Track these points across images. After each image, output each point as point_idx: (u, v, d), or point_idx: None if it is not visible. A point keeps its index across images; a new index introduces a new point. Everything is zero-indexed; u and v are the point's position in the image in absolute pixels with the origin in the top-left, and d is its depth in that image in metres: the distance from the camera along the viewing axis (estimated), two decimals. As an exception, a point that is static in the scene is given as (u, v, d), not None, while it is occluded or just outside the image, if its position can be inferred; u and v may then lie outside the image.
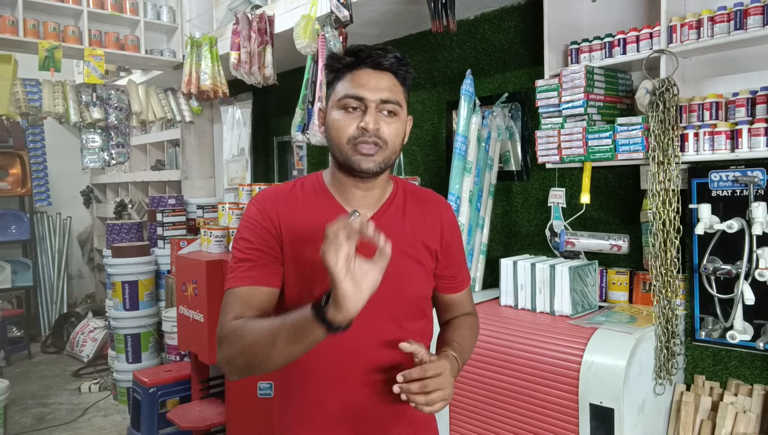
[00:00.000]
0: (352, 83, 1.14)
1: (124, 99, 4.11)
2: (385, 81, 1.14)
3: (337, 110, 1.15)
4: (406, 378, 1.05)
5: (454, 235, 1.32)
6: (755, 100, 1.89)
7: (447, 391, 1.08)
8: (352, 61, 1.15)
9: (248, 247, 1.17)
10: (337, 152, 1.16)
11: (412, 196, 1.28)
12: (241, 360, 1.07)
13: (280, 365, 1.06)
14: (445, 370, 1.09)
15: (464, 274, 1.36)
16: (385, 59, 1.14)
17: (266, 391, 2.75)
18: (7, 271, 5.77)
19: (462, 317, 1.37)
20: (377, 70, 1.15)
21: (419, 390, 1.04)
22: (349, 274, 0.91)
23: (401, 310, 1.20)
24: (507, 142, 2.75)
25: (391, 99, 1.14)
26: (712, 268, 1.95)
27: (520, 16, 2.73)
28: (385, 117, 1.14)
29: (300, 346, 1.00)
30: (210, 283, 2.70)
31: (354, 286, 0.91)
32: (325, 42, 2.79)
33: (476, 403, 2.16)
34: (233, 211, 3.03)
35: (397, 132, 1.16)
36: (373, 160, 1.13)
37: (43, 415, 4.10)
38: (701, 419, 1.97)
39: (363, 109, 1.13)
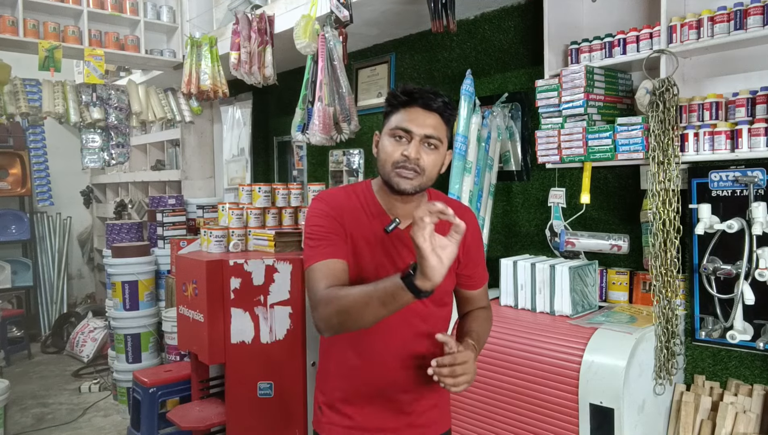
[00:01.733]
0: (404, 117, 1.37)
1: (124, 99, 4.11)
2: (431, 120, 1.37)
3: (389, 138, 1.39)
4: (439, 363, 1.27)
5: (476, 241, 1.55)
6: (755, 100, 1.89)
7: (470, 376, 1.29)
8: (407, 100, 1.38)
9: (322, 230, 1.40)
10: (383, 171, 1.40)
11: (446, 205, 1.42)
12: (336, 319, 1.28)
13: (370, 324, 1.27)
14: (470, 359, 1.30)
15: (481, 274, 1.58)
16: (435, 102, 1.37)
17: (266, 391, 2.75)
18: (7, 271, 5.77)
19: (478, 310, 1.60)
20: (426, 110, 1.37)
21: (449, 374, 1.26)
22: (434, 250, 1.10)
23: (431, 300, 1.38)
24: (507, 142, 2.75)
25: (434, 135, 1.37)
26: (712, 268, 1.95)
27: (520, 16, 2.73)
28: (426, 148, 1.37)
29: (389, 308, 1.21)
30: (210, 283, 2.70)
31: (437, 258, 1.11)
32: (325, 42, 2.79)
33: (476, 403, 2.16)
34: (233, 211, 3.03)
35: (434, 162, 1.39)
36: (411, 183, 1.37)
37: (43, 415, 4.10)
38: (701, 419, 1.97)
39: (409, 140, 1.36)
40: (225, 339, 2.73)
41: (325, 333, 1.35)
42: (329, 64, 2.82)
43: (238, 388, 2.73)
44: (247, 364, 2.73)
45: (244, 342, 2.73)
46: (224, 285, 2.72)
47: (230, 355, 2.73)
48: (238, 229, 2.98)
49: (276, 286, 2.70)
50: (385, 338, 1.43)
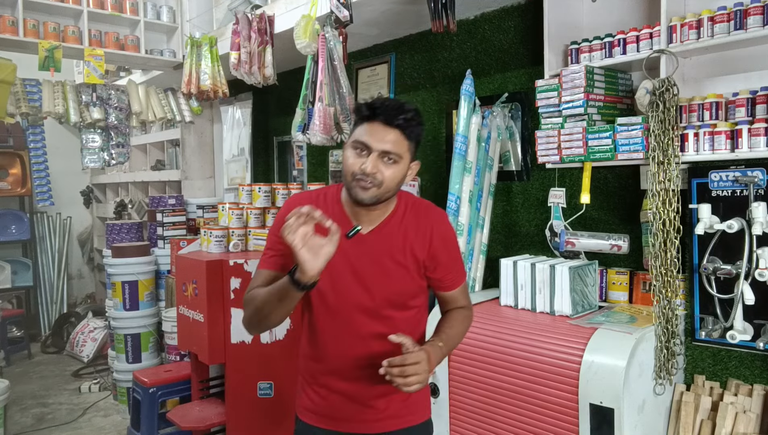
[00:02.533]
0: (364, 131, 1.41)
1: (124, 99, 4.11)
2: (390, 135, 1.40)
3: (351, 149, 1.43)
4: (390, 363, 1.32)
5: (444, 243, 1.55)
6: (755, 100, 1.89)
7: (422, 376, 1.33)
8: (369, 114, 1.41)
9: (274, 241, 1.47)
10: (345, 181, 1.45)
11: (413, 211, 1.55)
12: (255, 318, 1.42)
13: (278, 320, 1.40)
14: (422, 359, 1.34)
15: (452, 277, 1.59)
16: (396, 118, 1.39)
17: (266, 391, 2.75)
18: (7, 271, 5.77)
19: (455, 310, 1.62)
20: (387, 125, 1.40)
21: (399, 374, 1.31)
22: (305, 246, 1.21)
23: (389, 302, 1.49)
24: (507, 142, 2.75)
25: (391, 151, 1.40)
26: (712, 268, 1.95)
27: (520, 16, 2.73)
28: (385, 162, 1.40)
29: (285, 303, 1.32)
30: (210, 283, 2.70)
31: (311, 254, 1.22)
32: (325, 42, 2.79)
33: (476, 403, 2.16)
34: (233, 211, 3.03)
35: (393, 175, 1.42)
36: (368, 193, 1.40)
37: (43, 415, 4.10)
38: (701, 419, 1.97)
39: (367, 154, 1.39)
40: (225, 339, 2.73)
41: (250, 331, 1.50)
42: (329, 64, 2.82)
43: (238, 388, 2.73)
44: (247, 364, 2.73)
45: (244, 342, 2.73)
46: (224, 285, 2.73)
47: (230, 355, 2.73)
48: (238, 229, 2.99)
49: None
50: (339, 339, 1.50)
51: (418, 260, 1.51)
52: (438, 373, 2.27)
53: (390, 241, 1.48)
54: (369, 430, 1.55)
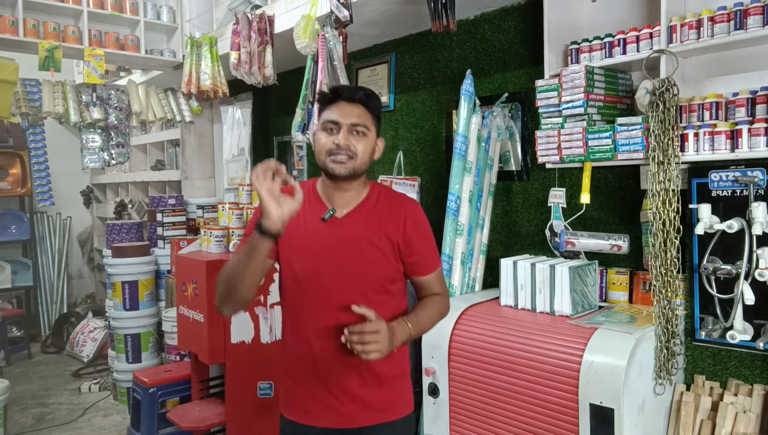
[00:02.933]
0: (331, 111, 1.54)
1: (124, 99, 4.11)
2: (356, 110, 1.54)
3: (321, 131, 1.55)
4: (350, 331, 1.41)
5: (418, 229, 1.63)
6: (755, 100, 1.89)
7: (381, 345, 1.41)
8: (332, 96, 1.55)
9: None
10: (319, 161, 1.56)
11: (386, 198, 1.65)
12: (224, 289, 1.49)
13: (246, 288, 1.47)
14: (381, 329, 1.43)
15: (427, 261, 1.66)
16: (357, 94, 1.55)
17: (266, 391, 2.75)
18: (7, 271, 5.77)
19: (429, 296, 1.68)
20: (350, 102, 1.54)
21: (358, 341, 1.40)
22: (272, 197, 1.33)
23: (366, 285, 1.56)
24: (507, 142, 2.75)
25: (359, 123, 1.53)
26: (712, 268, 1.95)
27: (520, 16, 2.73)
28: (355, 136, 1.53)
29: (253, 257, 1.40)
30: (210, 283, 2.70)
31: (276, 205, 1.33)
32: (325, 42, 2.79)
33: (476, 403, 2.16)
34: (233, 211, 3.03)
35: (365, 147, 1.55)
36: (344, 166, 1.52)
37: (43, 415, 4.10)
38: (701, 419, 1.97)
39: (338, 131, 1.52)
40: (225, 339, 2.73)
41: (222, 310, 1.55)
42: (329, 64, 2.82)
43: (238, 388, 2.73)
44: (247, 364, 2.73)
45: (244, 342, 2.73)
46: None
47: (230, 355, 2.73)
48: (238, 229, 2.99)
49: (276, 286, 2.70)
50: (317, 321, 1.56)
51: (393, 243, 1.58)
52: (438, 373, 2.27)
53: (364, 224, 1.57)
54: (348, 424, 1.57)
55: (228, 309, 1.54)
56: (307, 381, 1.59)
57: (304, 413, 1.60)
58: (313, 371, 1.57)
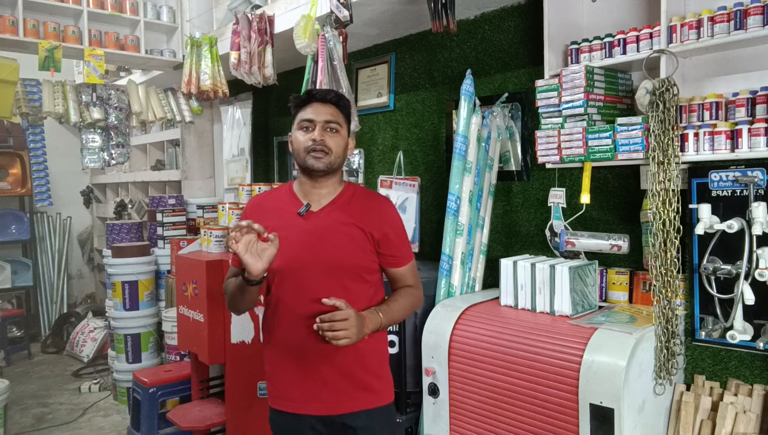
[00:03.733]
0: (306, 112, 1.68)
1: (124, 99, 4.11)
2: (328, 109, 1.68)
3: (298, 130, 1.69)
4: (321, 319, 1.54)
5: (392, 224, 1.76)
6: (755, 100, 1.89)
7: (350, 332, 1.54)
8: (306, 98, 1.70)
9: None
10: (298, 159, 1.69)
11: (362, 196, 1.77)
12: (230, 304, 1.71)
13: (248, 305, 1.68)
14: (351, 317, 1.55)
15: (401, 254, 1.78)
16: (328, 95, 1.70)
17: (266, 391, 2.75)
18: (7, 271, 5.77)
19: (401, 288, 1.79)
20: (323, 102, 1.69)
21: (328, 328, 1.53)
22: (248, 252, 1.49)
23: (342, 274, 1.66)
24: (507, 142, 2.75)
25: (332, 120, 1.67)
26: (712, 268, 1.95)
27: (520, 16, 2.73)
28: (329, 133, 1.67)
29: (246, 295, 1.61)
30: (210, 283, 2.70)
31: (254, 258, 1.49)
32: (325, 42, 2.79)
33: (476, 403, 2.16)
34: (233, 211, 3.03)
35: (338, 143, 1.68)
36: (322, 161, 1.65)
37: (43, 415, 4.10)
38: (701, 419, 1.97)
39: (313, 128, 1.66)
40: (225, 339, 2.73)
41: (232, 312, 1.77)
42: (329, 64, 2.82)
43: (238, 388, 2.73)
44: (247, 364, 2.73)
45: (244, 342, 2.73)
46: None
47: (230, 355, 2.73)
48: (238, 229, 2.98)
49: (276, 286, 2.70)
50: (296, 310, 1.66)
51: (367, 235, 1.69)
52: (438, 373, 2.28)
53: (339, 217, 1.68)
54: (330, 411, 1.66)
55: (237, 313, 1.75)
56: (287, 370, 1.68)
57: (287, 402, 1.69)
58: (293, 360, 1.67)
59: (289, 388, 1.68)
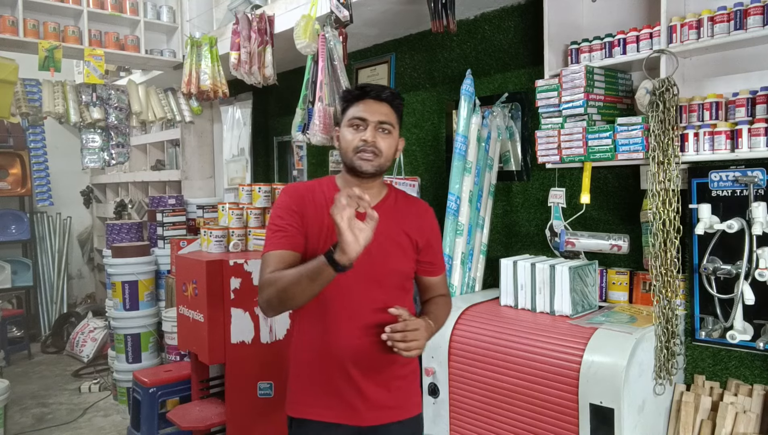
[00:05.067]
0: (359, 109, 1.57)
1: (124, 99, 4.11)
2: (383, 108, 1.57)
3: (347, 128, 1.58)
4: (393, 329, 1.43)
5: (434, 232, 1.72)
6: (755, 100, 1.89)
7: (421, 342, 1.46)
8: (360, 94, 1.58)
9: (281, 222, 1.56)
10: (345, 158, 1.58)
11: (404, 200, 1.70)
12: (276, 298, 1.46)
13: (304, 301, 1.46)
14: (421, 326, 1.47)
15: (441, 262, 1.74)
16: (383, 93, 1.58)
17: (266, 391, 2.75)
18: (7, 271, 5.76)
19: (438, 297, 1.74)
20: (377, 100, 1.57)
21: (401, 338, 1.42)
22: (350, 228, 1.27)
23: (389, 281, 1.59)
24: (507, 142, 2.75)
25: (386, 121, 1.57)
26: (712, 268, 1.95)
27: (520, 16, 2.73)
28: (381, 134, 1.56)
29: (317, 284, 1.38)
30: (210, 283, 2.70)
31: (353, 237, 1.28)
32: (325, 42, 2.79)
33: (476, 403, 2.16)
34: (233, 211, 3.03)
35: (389, 145, 1.58)
36: (371, 163, 1.55)
37: (43, 415, 4.10)
38: (701, 419, 1.97)
39: (365, 128, 1.55)
40: (225, 339, 2.73)
41: (268, 313, 1.52)
42: (329, 64, 2.82)
43: (238, 388, 2.73)
44: (247, 364, 2.73)
45: (244, 342, 2.73)
46: (224, 285, 2.72)
47: (230, 355, 2.73)
48: (238, 229, 2.99)
49: (276, 286, 2.70)
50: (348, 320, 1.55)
51: (413, 241, 1.63)
52: (438, 373, 2.27)
53: (386, 221, 1.54)
54: (365, 421, 1.57)
55: (276, 314, 1.54)
56: (324, 379, 1.57)
57: (320, 410, 1.58)
58: (332, 369, 1.56)
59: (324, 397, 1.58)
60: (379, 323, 1.50)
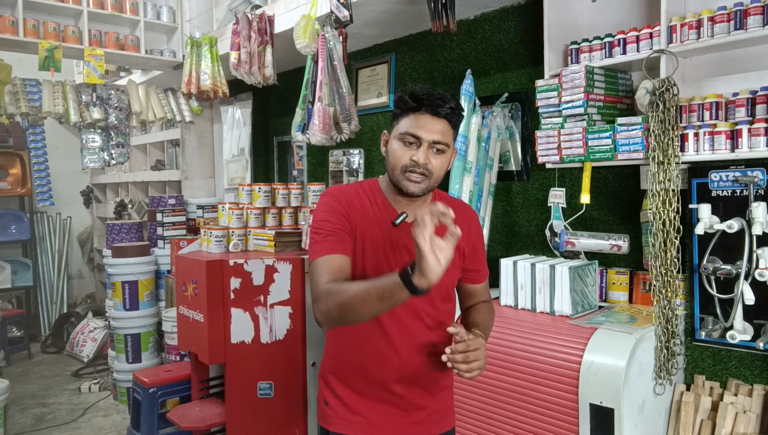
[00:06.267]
0: (413, 123, 1.41)
1: (124, 99, 4.11)
2: (439, 126, 1.41)
3: (398, 141, 1.43)
4: (453, 350, 1.32)
5: (479, 237, 1.62)
6: (755, 100, 1.89)
7: (483, 362, 1.34)
8: (416, 106, 1.41)
9: (329, 226, 1.44)
10: (392, 174, 1.45)
11: (450, 203, 1.56)
12: (336, 311, 1.32)
13: (368, 318, 1.33)
14: (482, 345, 1.36)
15: (485, 269, 1.65)
16: (443, 109, 1.41)
17: (266, 391, 2.75)
18: (7, 271, 5.76)
19: (481, 304, 1.64)
20: (435, 116, 1.40)
21: (462, 360, 1.32)
22: (432, 249, 1.12)
23: (436, 293, 1.41)
24: (507, 142, 2.75)
25: (441, 141, 1.41)
26: (712, 268, 1.95)
27: (520, 16, 2.73)
28: (434, 153, 1.42)
29: (386, 304, 1.25)
30: (210, 283, 2.70)
31: (436, 260, 1.13)
32: (325, 42, 2.79)
33: (476, 403, 2.16)
34: (233, 211, 3.03)
35: (441, 165, 1.44)
36: (419, 186, 1.42)
37: (43, 415, 4.10)
38: (701, 419, 1.97)
39: (418, 146, 1.41)
40: (225, 339, 2.73)
41: (324, 325, 1.40)
42: (329, 64, 2.82)
43: (238, 388, 2.73)
44: (247, 364, 2.73)
45: (244, 342, 2.73)
46: (224, 285, 2.72)
47: (230, 355, 2.73)
48: (238, 229, 2.98)
49: (276, 286, 2.70)
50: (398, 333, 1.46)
51: (461, 249, 1.52)
52: (438, 373, 2.27)
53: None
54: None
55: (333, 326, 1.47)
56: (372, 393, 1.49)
57: (367, 427, 1.50)
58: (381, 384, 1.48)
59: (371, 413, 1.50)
60: (432, 341, 1.44)
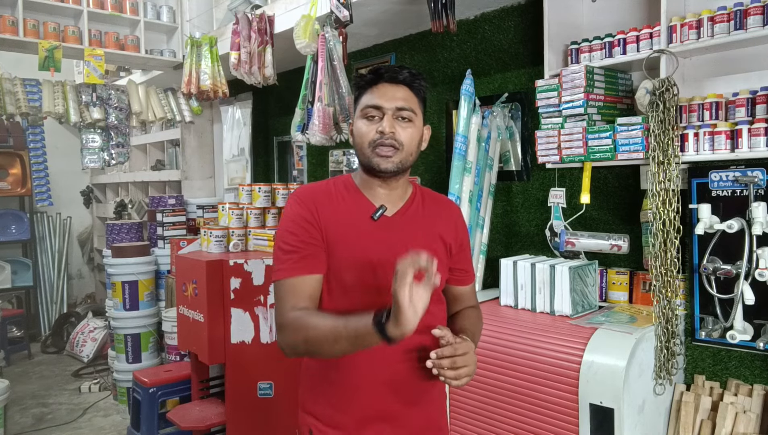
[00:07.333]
0: (372, 95, 1.33)
1: (124, 99, 4.11)
2: (400, 92, 1.33)
3: (361, 119, 1.34)
4: (439, 355, 1.21)
5: (465, 234, 1.50)
6: (755, 100, 1.89)
7: (471, 368, 1.23)
8: (373, 78, 1.34)
9: (294, 240, 1.31)
10: (361, 155, 1.35)
11: (431, 198, 1.47)
12: (303, 347, 1.25)
13: (337, 356, 1.25)
14: (470, 350, 1.24)
15: (470, 268, 1.53)
16: (400, 74, 1.33)
17: (266, 391, 2.75)
18: (7, 271, 5.76)
19: (469, 309, 1.51)
20: (393, 83, 1.33)
21: (449, 365, 1.20)
22: (411, 303, 1.05)
23: None
24: (507, 142, 2.75)
25: (405, 107, 1.32)
26: (712, 268, 1.95)
27: (520, 16, 2.73)
28: (401, 123, 1.32)
29: (357, 347, 1.18)
30: (210, 283, 2.70)
31: (413, 311, 1.06)
32: (325, 42, 2.79)
33: (476, 403, 2.16)
34: (233, 211, 3.03)
35: (411, 136, 1.33)
36: (391, 160, 1.31)
37: (43, 415, 4.10)
38: (701, 419, 1.97)
39: (381, 117, 1.31)
40: (225, 339, 2.73)
41: (290, 356, 1.30)
42: (329, 64, 2.82)
43: (238, 388, 2.73)
44: (247, 364, 2.73)
45: (244, 342, 2.73)
46: (224, 285, 2.72)
47: (230, 355, 2.73)
48: (238, 229, 2.99)
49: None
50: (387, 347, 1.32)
51: (447, 245, 1.42)
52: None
53: (416, 223, 1.38)
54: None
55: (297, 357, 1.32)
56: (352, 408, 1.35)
57: None
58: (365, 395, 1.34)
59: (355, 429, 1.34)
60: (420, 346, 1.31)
